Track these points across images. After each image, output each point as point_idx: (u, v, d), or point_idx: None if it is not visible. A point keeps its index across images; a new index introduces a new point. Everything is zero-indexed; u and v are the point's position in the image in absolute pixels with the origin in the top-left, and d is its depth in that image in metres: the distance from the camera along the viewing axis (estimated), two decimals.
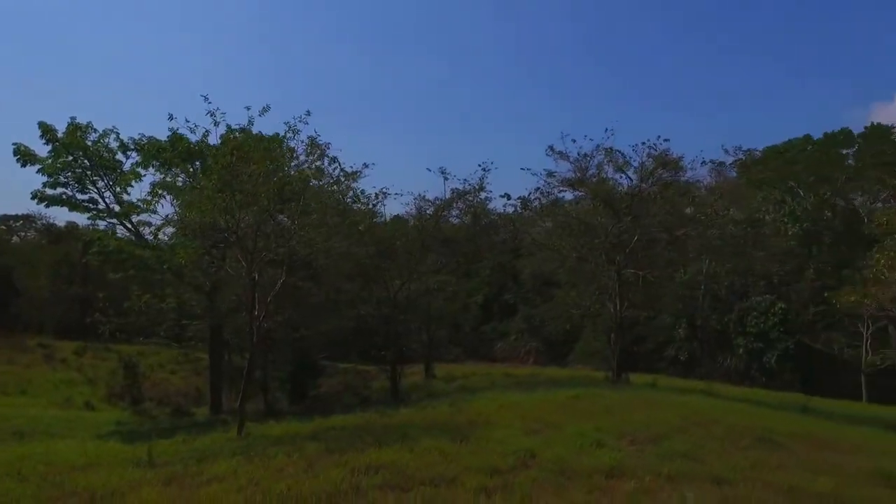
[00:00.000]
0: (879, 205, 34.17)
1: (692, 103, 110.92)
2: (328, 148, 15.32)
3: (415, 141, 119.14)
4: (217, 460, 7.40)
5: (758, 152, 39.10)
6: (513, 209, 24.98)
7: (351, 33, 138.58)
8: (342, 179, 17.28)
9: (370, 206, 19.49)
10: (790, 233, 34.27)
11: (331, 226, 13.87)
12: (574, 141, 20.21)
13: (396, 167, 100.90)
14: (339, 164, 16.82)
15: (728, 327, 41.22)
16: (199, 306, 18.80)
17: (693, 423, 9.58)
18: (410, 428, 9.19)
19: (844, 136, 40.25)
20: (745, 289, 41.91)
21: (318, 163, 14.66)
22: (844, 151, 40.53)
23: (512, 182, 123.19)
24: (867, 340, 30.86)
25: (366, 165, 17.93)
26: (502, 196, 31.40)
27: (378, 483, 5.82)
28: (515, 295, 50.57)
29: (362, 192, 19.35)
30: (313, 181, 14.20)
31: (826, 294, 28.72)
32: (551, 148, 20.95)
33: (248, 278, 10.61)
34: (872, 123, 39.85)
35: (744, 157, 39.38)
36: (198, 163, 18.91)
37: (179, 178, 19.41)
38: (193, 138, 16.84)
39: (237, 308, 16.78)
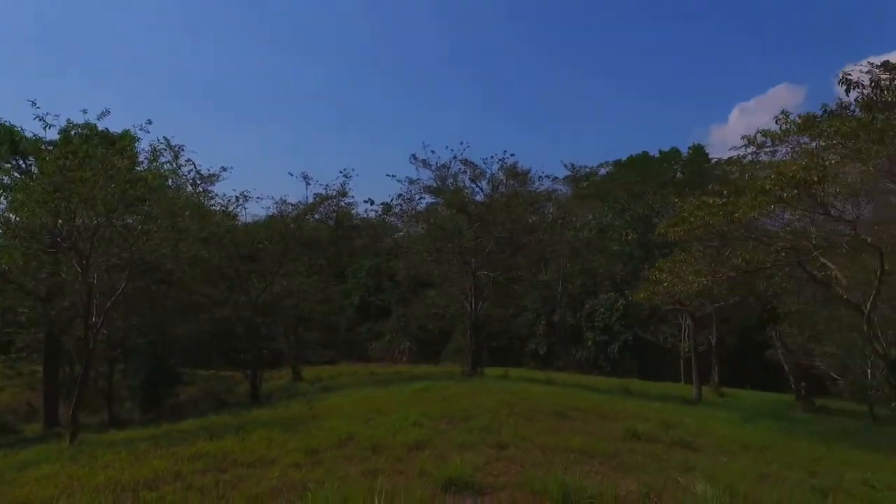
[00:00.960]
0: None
1: (557, 120, 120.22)
2: (182, 150, 15.24)
3: (290, 145, 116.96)
4: (41, 466, 7.49)
5: (589, 168, 43.54)
6: (375, 214, 26.13)
7: (230, 35, 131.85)
8: (198, 182, 17.14)
9: (229, 209, 19.40)
10: (629, 238, 39.18)
11: (182, 229, 13.82)
12: (433, 152, 21.81)
13: (265, 171, 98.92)
14: (195, 167, 16.71)
15: (580, 323, 45.74)
16: (31, 314, 17.41)
17: (506, 405, 11.18)
18: (250, 423, 9.77)
19: (674, 154, 46.46)
20: (594, 288, 46.73)
21: (170, 164, 14.55)
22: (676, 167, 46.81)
23: (379, 188, 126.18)
24: (685, 331, 35.99)
25: (224, 169, 17.92)
26: (366, 201, 32.55)
27: (199, 468, 6.44)
28: (391, 296, 51.76)
29: (224, 195, 19.23)
30: (170, 181, 14.09)
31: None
32: (414, 156, 22.36)
33: (84, 284, 10.46)
34: (695, 144, 46.47)
35: (573, 173, 43.91)
36: (31, 160, 17.60)
37: (6, 177, 17.88)
38: (29, 133, 15.76)
39: (77, 315, 15.93)
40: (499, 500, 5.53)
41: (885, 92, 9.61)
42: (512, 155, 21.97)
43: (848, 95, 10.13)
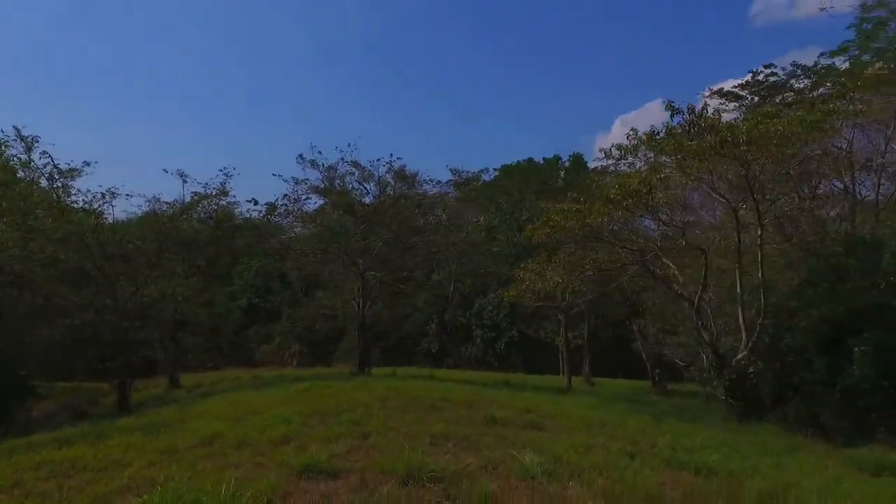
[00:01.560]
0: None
1: (444, 123, 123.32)
2: (36, 142, 14.07)
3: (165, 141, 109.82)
4: None
5: (472, 172, 45.29)
6: (259, 214, 25.57)
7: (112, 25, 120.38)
8: (56, 177, 15.85)
9: (94, 206, 18.04)
10: (515, 240, 41.47)
11: (34, 228, 12.79)
12: (321, 152, 21.80)
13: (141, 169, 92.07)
14: (52, 160, 15.45)
15: (470, 321, 47.53)
16: None
17: (381, 399, 11.66)
18: (111, 430, 9.40)
19: (556, 161, 49.64)
20: (484, 287, 48.75)
21: (21, 156, 13.39)
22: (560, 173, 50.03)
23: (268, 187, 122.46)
24: (565, 327, 38.89)
25: (87, 164, 16.70)
26: (249, 201, 31.70)
27: (43, 476, 6.23)
28: (281, 297, 50.40)
29: (88, 192, 17.83)
30: (22, 173, 12.97)
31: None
32: (301, 156, 22.18)
33: None
34: (575, 153, 50.03)
35: (455, 177, 45.54)
36: None
37: None
38: None
39: None
40: (350, 482, 5.99)
41: (701, 118, 11.39)
42: (399, 158, 22.56)
43: (672, 120, 11.84)
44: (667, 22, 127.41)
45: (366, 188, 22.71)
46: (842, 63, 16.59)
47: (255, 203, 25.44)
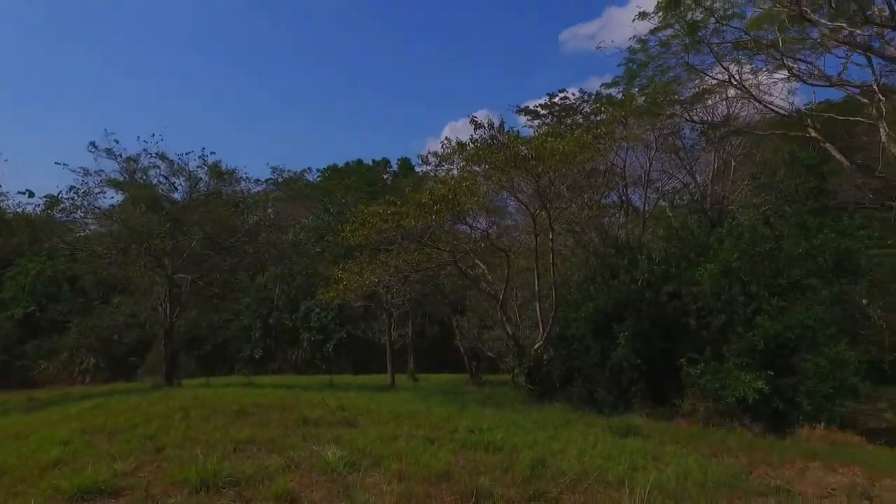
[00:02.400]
0: None
1: (270, 120, 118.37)
2: None
3: None
4: None
5: (294, 172, 44.18)
6: (36, 208, 21.74)
7: None
8: None
9: None
10: (336, 241, 41.47)
11: None
12: (118, 142, 19.43)
13: None
14: None
15: (297, 324, 46.13)
16: None
17: (182, 410, 10.91)
18: None
19: (385, 164, 50.52)
20: (312, 289, 47.68)
21: None
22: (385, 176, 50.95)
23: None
24: (390, 326, 39.88)
25: None
26: (21, 192, 26.92)
27: None
28: (72, 305, 43.63)
29: None
30: None
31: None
32: (93, 144, 19.53)
33: None
34: (402, 157, 51.48)
35: (275, 176, 44.13)
36: None
37: None
38: None
39: None
40: (134, 498, 5.59)
41: (500, 133, 12.76)
42: (213, 152, 21.07)
43: (476, 133, 13.05)
44: (494, 37, 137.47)
45: (174, 183, 20.84)
46: (617, 94, 19.78)
47: (31, 195, 21.69)
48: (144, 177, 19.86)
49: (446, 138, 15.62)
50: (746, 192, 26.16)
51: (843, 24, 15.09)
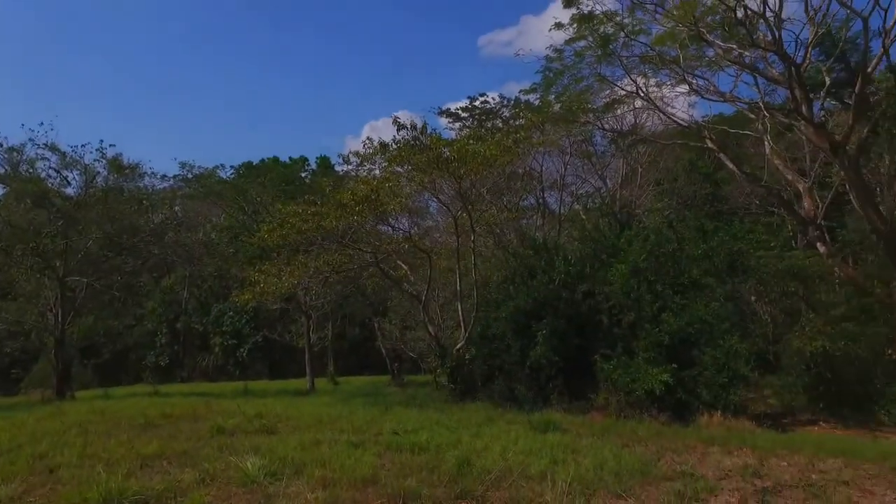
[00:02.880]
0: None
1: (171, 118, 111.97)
2: None
3: None
4: None
5: (205, 168, 41.66)
6: None
7: None
8: None
9: None
10: (252, 241, 39.65)
11: None
12: None
13: None
14: None
15: (208, 328, 43.76)
16: None
17: (79, 425, 10.04)
18: None
19: (302, 162, 49.14)
20: (225, 291, 45.38)
21: None
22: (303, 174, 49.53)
23: None
24: (309, 329, 38.82)
25: None
26: None
27: None
28: None
29: None
30: None
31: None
32: None
33: None
34: (321, 155, 50.28)
35: (184, 172, 41.38)
36: None
37: None
38: None
39: None
40: None
41: (423, 135, 12.82)
42: (112, 145, 19.50)
43: (398, 133, 13.02)
44: (413, 39, 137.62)
45: (67, 177, 19.07)
46: (534, 100, 20.50)
47: None
48: (31, 169, 18.01)
49: (368, 138, 15.47)
50: (651, 197, 28.02)
51: (734, 46, 16.55)
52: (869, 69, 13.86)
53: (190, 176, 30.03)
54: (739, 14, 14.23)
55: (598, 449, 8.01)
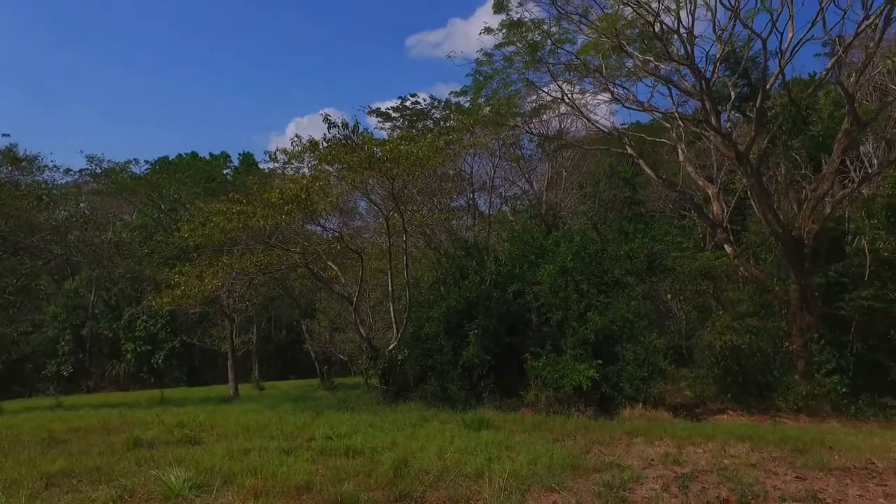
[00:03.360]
0: None
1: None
2: None
3: None
4: None
5: (116, 163, 38.89)
6: None
7: None
8: None
9: None
10: (170, 241, 37.34)
11: None
12: None
13: None
14: None
15: (118, 334, 40.84)
16: None
17: None
18: None
19: (224, 158, 47.05)
20: (138, 294, 42.53)
21: None
22: (225, 171, 47.37)
23: None
24: (233, 333, 37.16)
25: None
26: None
27: None
28: None
29: None
30: None
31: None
32: None
33: None
34: (244, 152, 48.37)
35: (92, 167, 38.17)
36: None
37: None
38: None
39: None
40: None
41: (355, 134, 12.65)
42: (6, 135, 17.74)
43: (329, 132, 12.77)
44: (342, 36, 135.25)
45: None
46: (465, 102, 20.77)
47: None
48: None
49: (297, 135, 15.01)
50: (575, 200, 29.18)
51: (651, 59, 17.56)
52: (768, 86, 15.15)
53: (98, 171, 27.80)
54: (657, 28, 15.09)
55: (531, 445, 8.22)
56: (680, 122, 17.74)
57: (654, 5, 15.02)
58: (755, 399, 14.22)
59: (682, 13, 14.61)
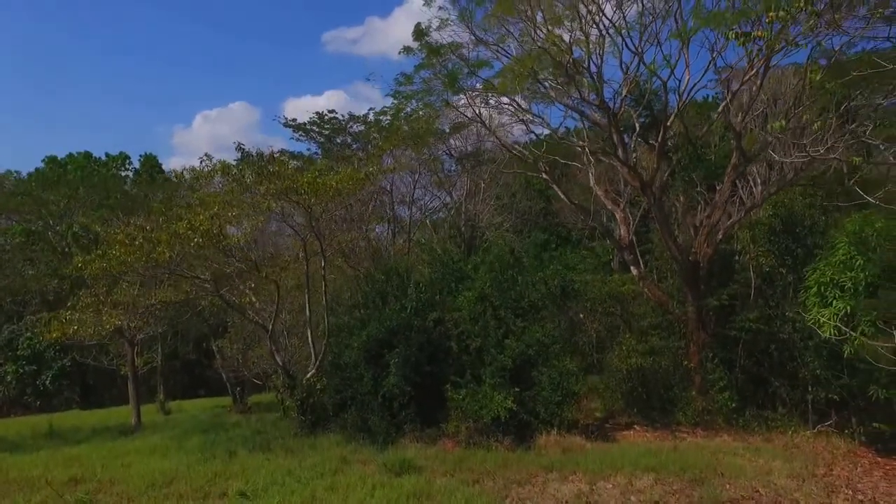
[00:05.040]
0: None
1: None
2: None
3: None
4: None
5: None
6: None
7: None
8: None
9: None
10: (55, 267, 33.82)
11: None
12: None
13: None
14: None
15: None
16: None
17: None
18: None
19: (123, 159, 43.68)
20: (20, 308, 38.55)
21: None
22: (124, 173, 43.91)
23: None
24: (134, 355, 34.29)
25: None
26: None
27: None
28: None
29: None
30: None
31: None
32: None
33: None
34: (147, 153, 45.06)
35: None
36: None
37: None
38: None
39: None
40: None
41: (269, 164, 12.15)
42: None
43: (242, 158, 12.17)
44: (254, 25, 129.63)
45: None
46: (385, 121, 20.60)
47: None
48: None
49: (206, 154, 14.19)
50: (492, 211, 29.87)
51: (562, 87, 18.28)
52: (668, 122, 16.29)
53: None
54: (567, 64, 15.77)
55: (452, 492, 8.33)
56: (590, 155, 18.65)
57: (567, 37, 15.70)
58: (658, 413, 15.23)
59: (593, 55, 15.40)
